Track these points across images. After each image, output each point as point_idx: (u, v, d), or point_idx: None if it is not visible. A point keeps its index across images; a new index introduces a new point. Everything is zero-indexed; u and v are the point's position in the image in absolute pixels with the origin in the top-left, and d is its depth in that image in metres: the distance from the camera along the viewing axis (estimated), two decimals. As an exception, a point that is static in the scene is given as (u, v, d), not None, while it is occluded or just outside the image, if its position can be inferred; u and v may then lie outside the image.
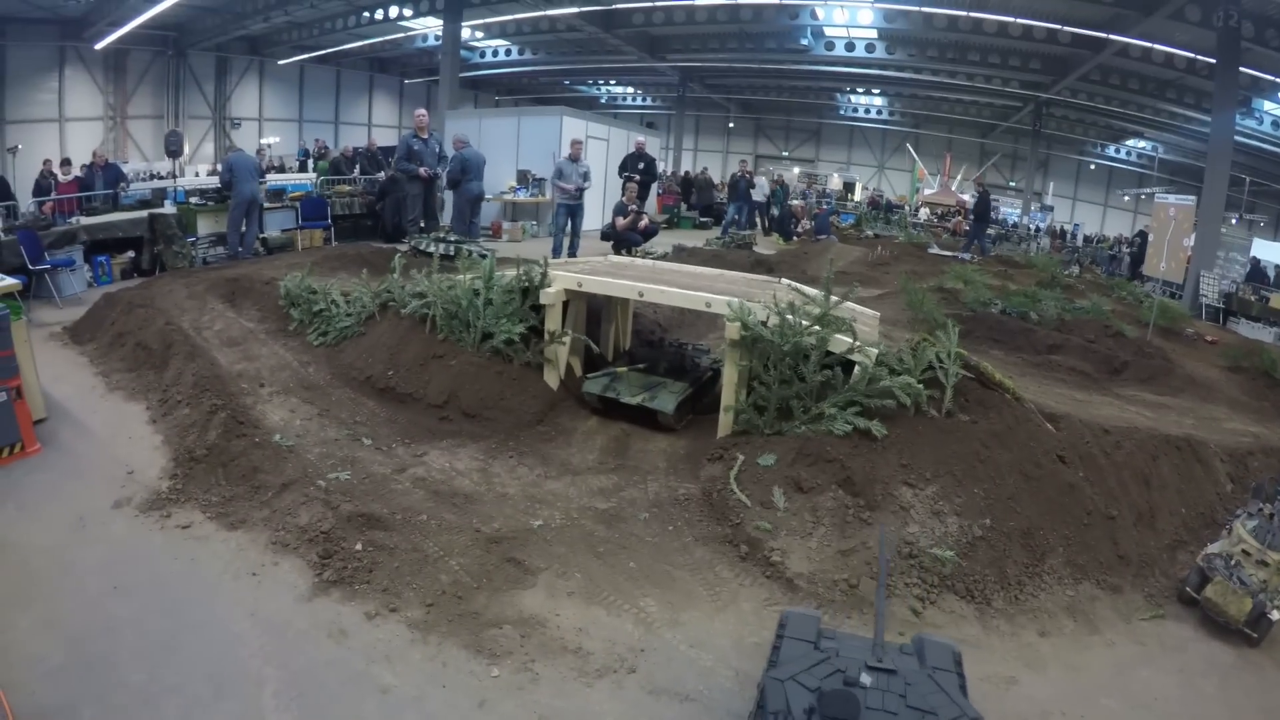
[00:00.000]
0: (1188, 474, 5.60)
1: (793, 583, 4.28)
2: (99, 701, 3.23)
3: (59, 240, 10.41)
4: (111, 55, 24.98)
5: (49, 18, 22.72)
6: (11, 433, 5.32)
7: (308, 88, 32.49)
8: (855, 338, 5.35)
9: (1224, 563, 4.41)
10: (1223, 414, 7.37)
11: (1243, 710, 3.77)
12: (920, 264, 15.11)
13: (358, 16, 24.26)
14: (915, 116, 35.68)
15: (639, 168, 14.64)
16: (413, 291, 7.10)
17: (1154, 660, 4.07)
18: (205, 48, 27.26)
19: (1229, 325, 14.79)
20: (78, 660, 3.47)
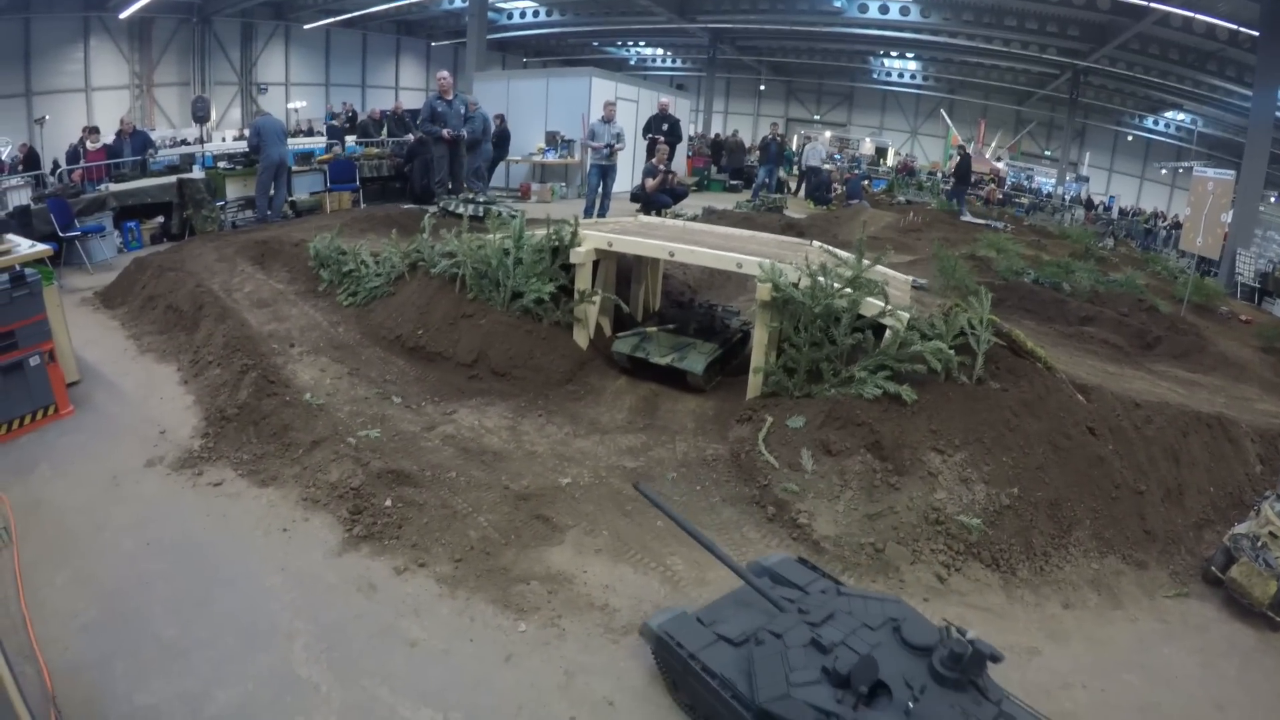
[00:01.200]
0: (1217, 453, 5.51)
1: (819, 545, 4.29)
2: (132, 655, 3.31)
3: (88, 207, 10.59)
4: (136, 24, 25.13)
5: None
6: (45, 395, 5.47)
7: (334, 52, 32.42)
8: (887, 301, 5.30)
9: (1251, 544, 4.35)
10: (1255, 394, 7.27)
11: (1262, 693, 3.74)
12: (952, 231, 14.92)
13: None
14: (950, 82, 34.87)
15: (663, 128, 14.49)
16: (442, 251, 7.14)
17: (1176, 638, 4.04)
18: (230, 14, 27.39)
19: (1264, 305, 14.43)
20: (111, 615, 3.56)
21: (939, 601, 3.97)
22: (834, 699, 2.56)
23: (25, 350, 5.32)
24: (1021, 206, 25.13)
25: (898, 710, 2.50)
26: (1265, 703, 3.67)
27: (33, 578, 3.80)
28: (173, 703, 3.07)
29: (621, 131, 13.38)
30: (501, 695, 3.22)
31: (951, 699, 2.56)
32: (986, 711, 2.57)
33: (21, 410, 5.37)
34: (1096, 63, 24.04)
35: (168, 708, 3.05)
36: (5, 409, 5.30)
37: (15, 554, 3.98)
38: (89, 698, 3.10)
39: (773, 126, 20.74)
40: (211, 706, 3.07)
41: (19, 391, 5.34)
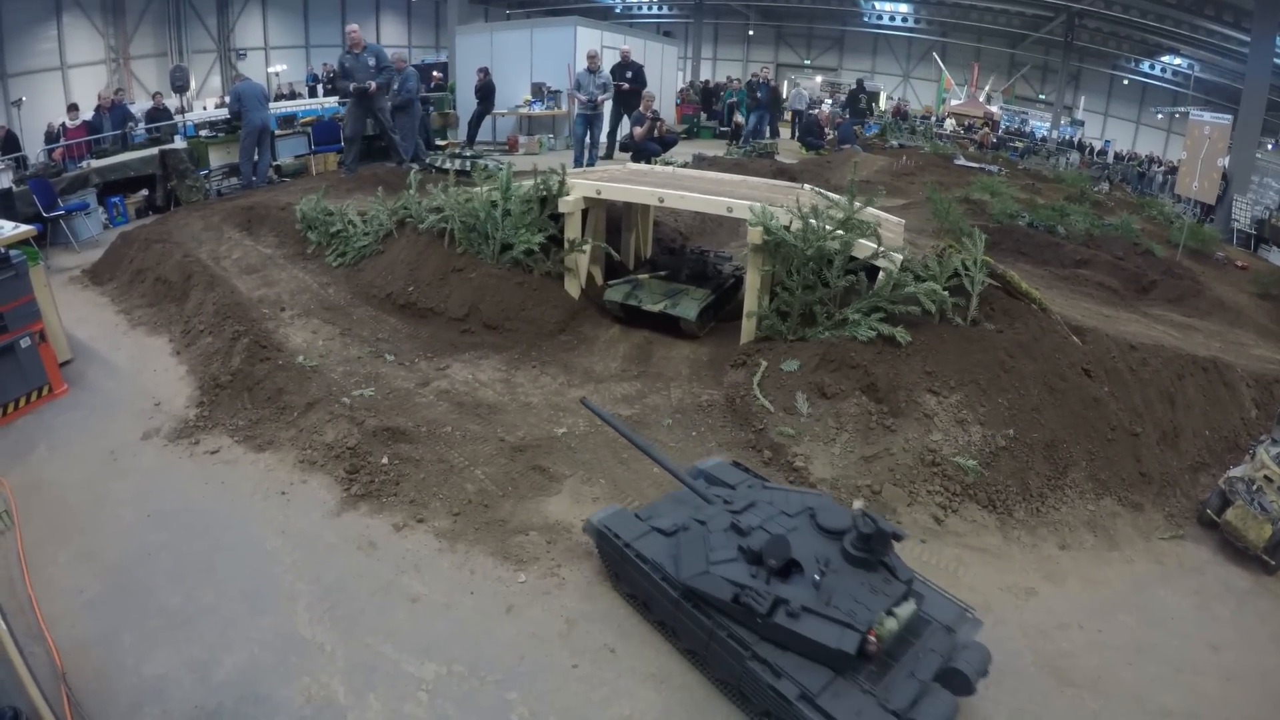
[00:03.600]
0: (1213, 396, 5.51)
1: (815, 487, 4.29)
2: (138, 627, 3.36)
3: (71, 185, 10.57)
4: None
5: None
6: (38, 376, 5.48)
7: (313, 12, 31.91)
8: (880, 243, 5.26)
9: (1246, 487, 4.37)
10: (1250, 339, 7.25)
11: (1256, 635, 3.77)
12: (946, 175, 14.80)
13: None
14: (943, 25, 34.17)
15: (626, 76, 14.37)
16: (429, 207, 7.10)
17: (1171, 580, 4.08)
18: None
19: (1260, 252, 14.26)
20: (116, 588, 3.61)
21: (936, 543, 4.01)
22: (749, 574, 2.86)
23: (15, 333, 5.31)
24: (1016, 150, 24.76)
25: (807, 583, 2.79)
26: (1259, 645, 3.71)
27: (37, 557, 3.84)
28: (180, 671, 3.12)
29: (607, 81, 13.35)
30: (504, 646, 3.26)
31: (861, 576, 2.83)
32: (895, 588, 2.83)
33: (16, 393, 5.39)
34: (1091, 5, 23.84)
35: (176, 676, 3.10)
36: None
37: (18, 536, 4.02)
38: (98, 672, 3.14)
39: (762, 70, 20.43)
40: (219, 672, 3.11)
41: (12, 374, 5.35)
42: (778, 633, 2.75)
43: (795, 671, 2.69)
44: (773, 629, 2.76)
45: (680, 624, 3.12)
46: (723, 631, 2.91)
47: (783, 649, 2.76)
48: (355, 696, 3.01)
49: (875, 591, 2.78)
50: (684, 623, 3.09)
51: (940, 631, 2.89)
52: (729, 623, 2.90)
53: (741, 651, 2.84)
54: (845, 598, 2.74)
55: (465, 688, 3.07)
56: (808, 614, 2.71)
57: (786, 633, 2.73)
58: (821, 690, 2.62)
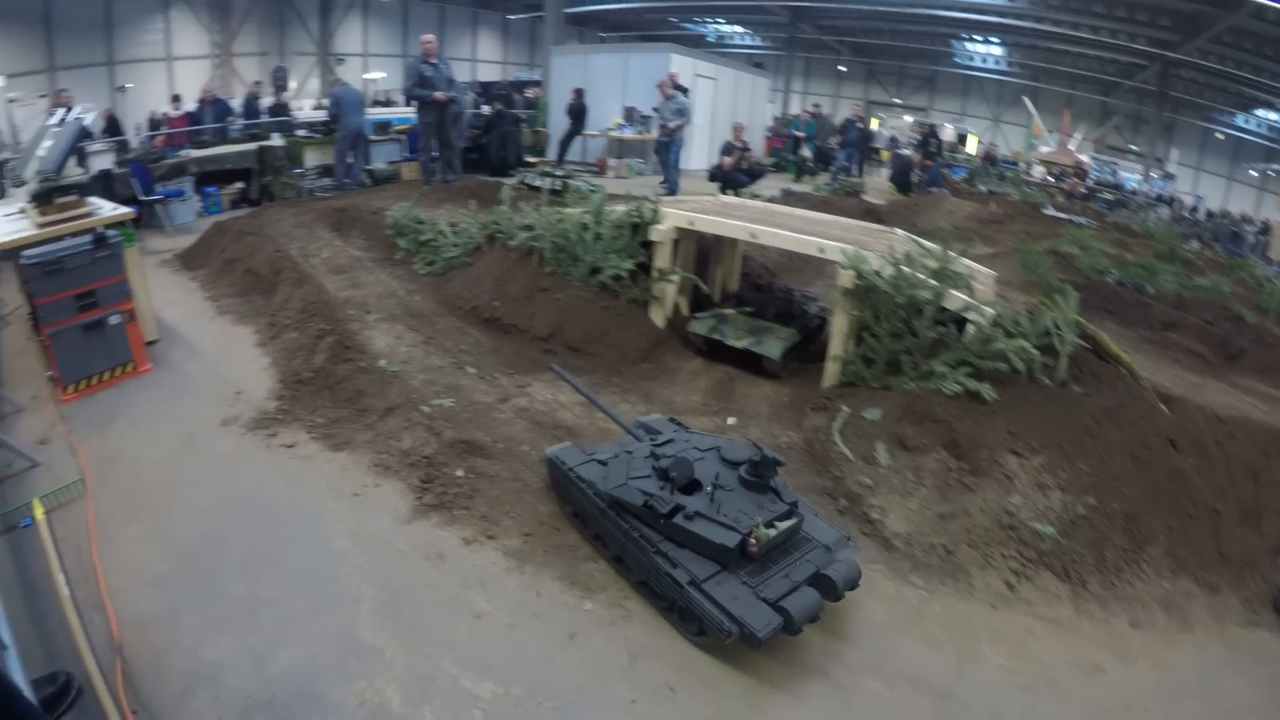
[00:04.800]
0: None
1: (889, 542, 4.25)
2: (199, 610, 3.44)
3: (170, 172, 11.07)
4: None
5: None
6: (124, 353, 5.71)
7: (412, 24, 32.96)
8: (972, 296, 5.22)
9: None
10: None
11: None
12: (1034, 225, 14.56)
13: None
14: (1034, 69, 33.86)
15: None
16: (521, 224, 7.23)
17: (1243, 669, 3.89)
18: None
19: None
20: (182, 569, 3.70)
21: (1007, 610, 3.92)
22: (658, 487, 3.62)
23: (106, 309, 5.54)
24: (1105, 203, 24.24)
25: (704, 497, 3.55)
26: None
27: (106, 529, 3.97)
28: (237, 659, 3.18)
29: (683, 107, 13.44)
30: (563, 673, 3.26)
31: (751, 496, 3.59)
32: (778, 508, 3.57)
33: (101, 366, 5.62)
34: (1187, 55, 23.26)
35: (232, 663, 3.15)
36: (85, 365, 5.54)
37: (90, 505, 4.17)
38: (155, 649, 3.22)
39: (854, 108, 20.49)
40: (275, 665, 3.16)
41: (99, 348, 5.58)
42: (676, 532, 3.47)
43: (689, 564, 3.39)
44: (673, 529, 3.48)
45: (607, 531, 3.83)
46: (635, 533, 3.60)
47: (680, 546, 3.46)
48: (410, 707, 3.02)
49: (760, 508, 3.52)
50: (609, 529, 3.79)
51: (819, 549, 3.58)
52: (640, 525, 3.61)
53: (648, 548, 3.52)
54: (733, 509, 3.49)
55: (520, 711, 3.06)
56: (701, 518, 3.45)
57: (683, 531, 3.44)
58: (707, 579, 3.32)
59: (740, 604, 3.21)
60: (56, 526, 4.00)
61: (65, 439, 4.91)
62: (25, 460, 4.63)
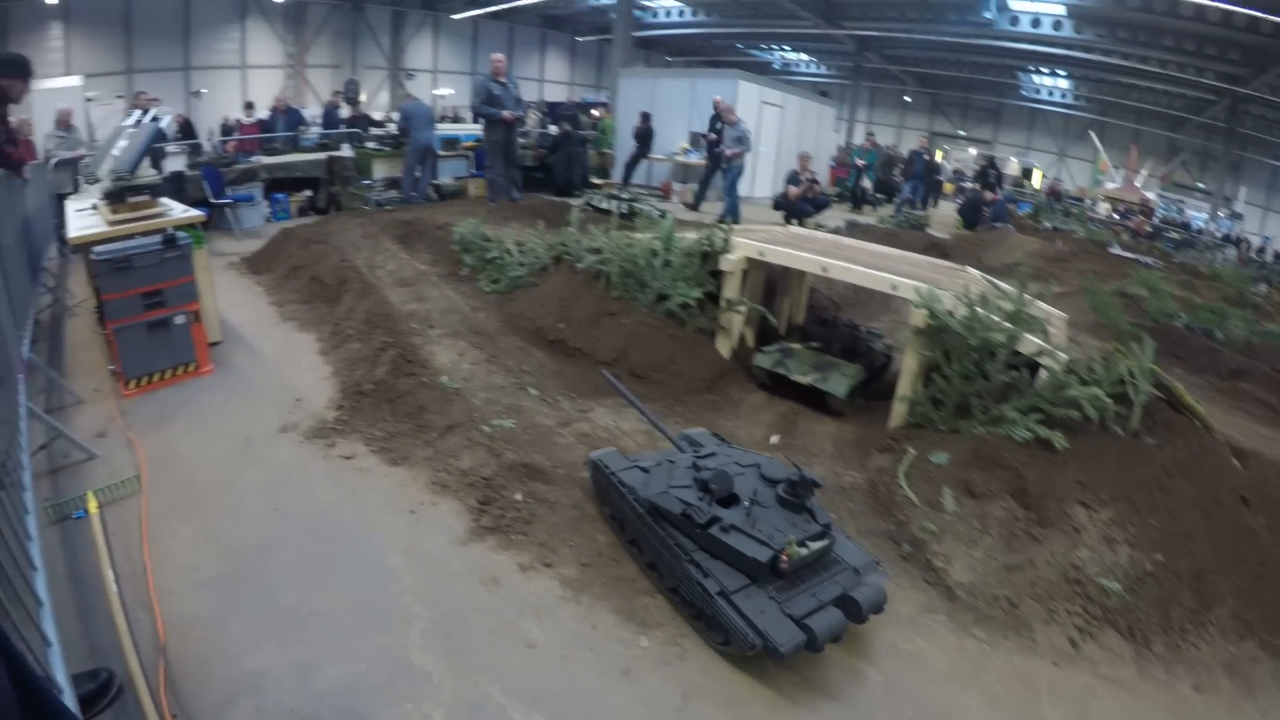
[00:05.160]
0: None
1: (953, 592, 4.09)
2: (247, 618, 3.40)
3: (240, 177, 11.36)
4: (291, 8, 27.37)
5: None
6: (187, 352, 5.79)
7: (481, 42, 33.87)
8: (1047, 340, 5.08)
9: None
10: None
11: None
12: (1101, 264, 14.17)
13: None
14: (1101, 103, 33.63)
15: (716, 128, 14.44)
16: (589, 247, 7.22)
17: None
18: (381, 2, 29.40)
19: None
20: (232, 575, 3.67)
21: (1069, 667, 3.74)
22: (697, 498, 3.71)
23: (172, 309, 5.62)
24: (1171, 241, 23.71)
25: (741, 511, 3.63)
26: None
27: (158, 528, 3.96)
28: (283, 671, 3.13)
29: (743, 135, 13.51)
30: (616, 710, 3.16)
31: (787, 515, 3.65)
32: (812, 528, 3.61)
33: (163, 364, 5.70)
34: (1256, 90, 22.80)
35: (277, 675, 3.10)
36: (148, 361, 5.62)
37: (144, 502, 4.17)
38: (200, 654, 3.18)
39: (921, 140, 20.38)
40: (321, 680, 3.10)
41: (162, 346, 5.66)
42: (711, 542, 3.56)
43: (720, 575, 3.47)
44: (708, 539, 3.57)
45: (643, 536, 3.92)
46: (671, 540, 3.68)
47: (714, 557, 3.55)
48: (456, 735, 2.93)
49: (794, 526, 3.58)
50: (645, 535, 3.88)
51: (848, 570, 3.63)
52: (676, 533, 3.70)
53: (682, 555, 3.60)
54: (768, 526, 3.56)
55: (569, 747, 2.95)
56: (736, 532, 3.53)
57: (717, 543, 3.53)
58: (736, 591, 3.39)
59: (766, 618, 3.29)
60: (109, 521, 4.01)
61: (123, 434, 4.95)
62: (82, 452, 4.67)
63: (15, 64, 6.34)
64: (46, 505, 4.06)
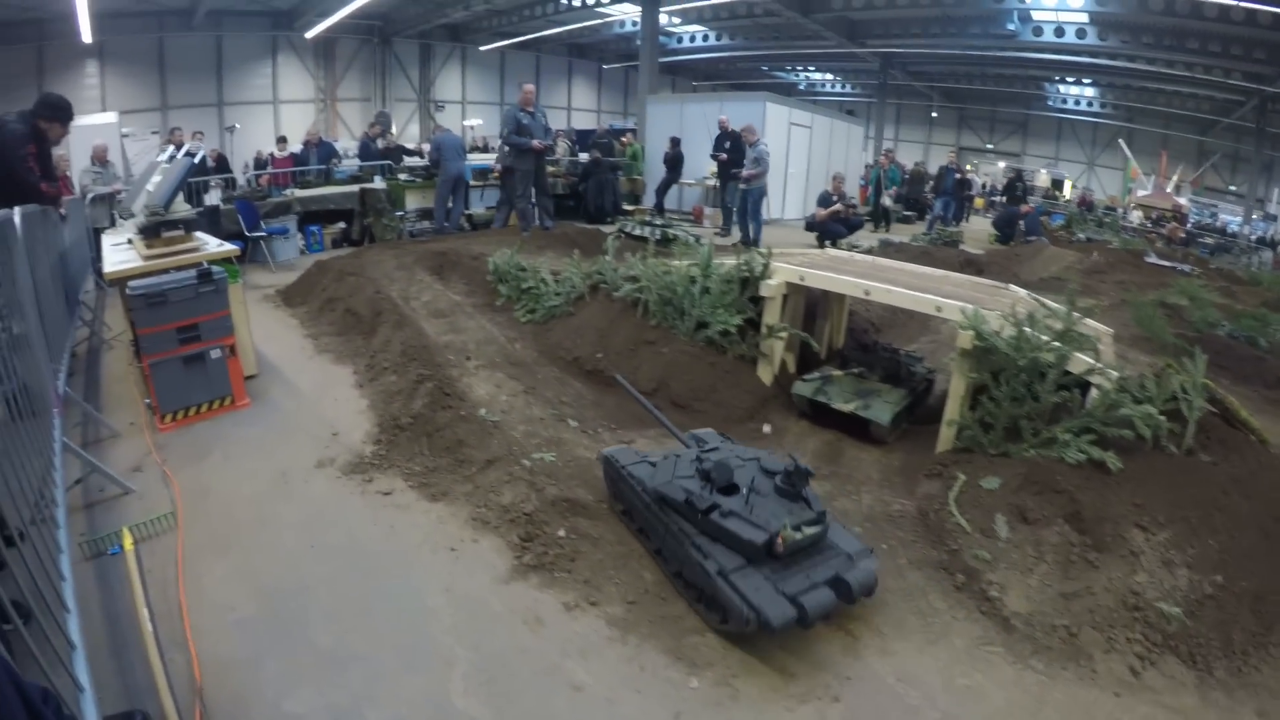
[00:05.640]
0: None
1: (1009, 622, 3.93)
2: (284, 658, 3.33)
3: (274, 210, 11.53)
4: (321, 43, 28.00)
5: (262, 10, 25.91)
6: (223, 386, 5.80)
7: (508, 72, 34.63)
8: (1098, 357, 4.95)
9: None
10: None
11: None
12: (1137, 274, 13.93)
13: (556, 3, 25.65)
14: (1129, 109, 33.58)
15: (725, 146, 14.62)
16: (625, 275, 7.18)
17: None
18: (409, 35, 29.91)
19: None
20: (268, 614, 3.61)
21: (1130, 697, 3.56)
22: (699, 487, 3.92)
23: (207, 343, 5.65)
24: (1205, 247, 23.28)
25: (740, 499, 3.82)
26: None
27: (194, 565, 3.92)
28: (321, 715, 3.05)
29: (761, 155, 13.58)
30: (666, 756, 3.04)
31: (784, 503, 3.83)
32: (807, 515, 3.79)
33: (199, 398, 5.71)
34: None
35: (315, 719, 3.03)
36: (184, 395, 5.64)
37: (179, 539, 4.14)
38: (236, 695, 3.12)
39: (950, 155, 20.30)
40: (361, 725, 3.01)
41: (198, 380, 5.68)
42: (711, 527, 3.77)
43: (719, 556, 3.67)
44: (708, 524, 3.78)
45: (650, 524, 4.16)
46: (675, 526, 3.92)
47: (714, 540, 3.75)
48: (501, 783, 2.83)
49: (790, 513, 3.76)
50: (652, 523, 4.12)
51: (841, 556, 3.82)
52: (680, 520, 3.92)
53: (684, 539, 3.83)
54: (765, 512, 3.74)
55: (619, 796, 2.85)
56: (734, 517, 3.73)
57: (717, 527, 3.73)
58: (734, 570, 3.59)
59: (760, 594, 3.48)
60: (144, 557, 3.98)
61: (159, 468, 4.94)
62: (118, 486, 4.66)
63: (56, 107, 6.45)
64: (81, 540, 4.03)
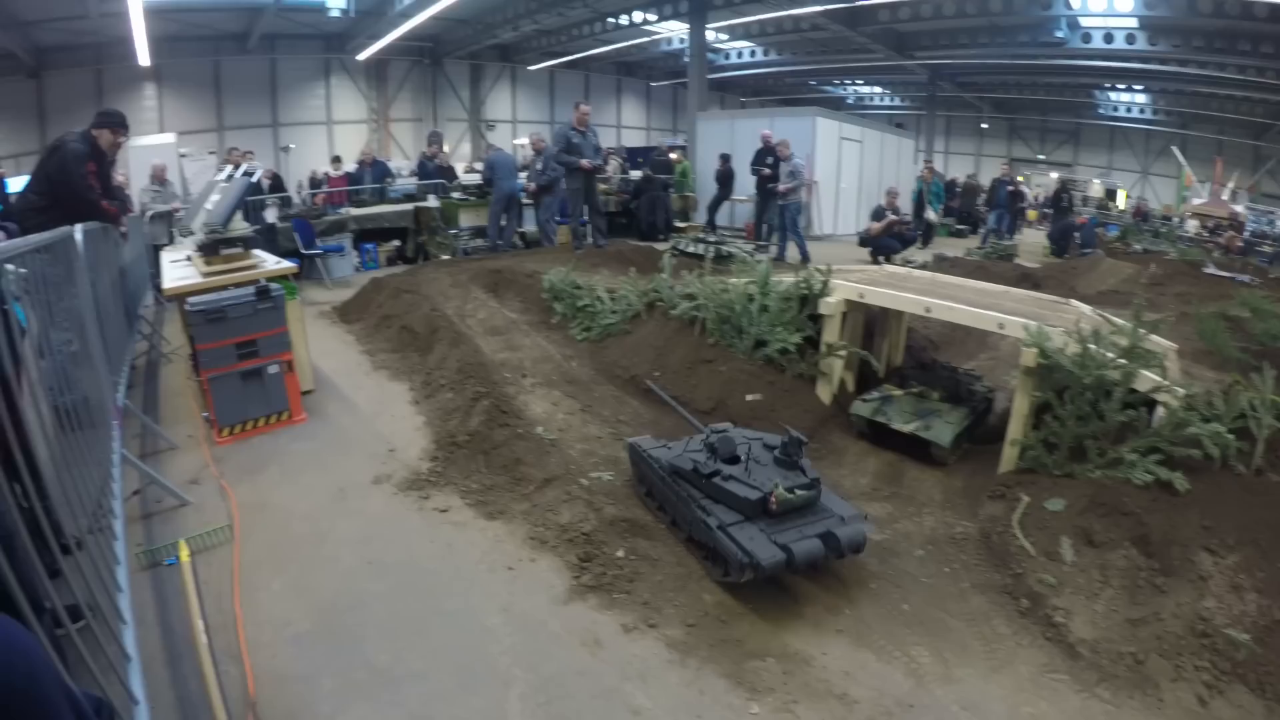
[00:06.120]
0: None
1: (1074, 649, 3.80)
2: (340, 676, 3.32)
3: (330, 228, 11.72)
4: (373, 65, 28.70)
5: (315, 34, 26.54)
6: (280, 401, 5.88)
7: (558, 91, 35.12)
8: (1165, 375, 4.81)
9: None
10: None
11: None
12: (1196, 285, 13.45)
13: (603, 23, 25.81)
14: (1181, 116, 32.95)
15: (766, 161, 14.49)
16: (682, 293, 7.15)
17: None
18: (459, 56, 30.43)
19: None
20: (324, 630, 3.61)
21: None
22: (706, 458, 4.41)
23: (265, 359, 5.74)
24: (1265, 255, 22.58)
25: (741, 466, 4.33)
26: None
27: (250, 579, 3.95)
28: (376, 733, 3.02)
29: (797, 169, 13.57)
30: (724, 782, 2.97)
31: (780, 470, 4.30)
32: (800, 480, 4.22)
33: (256, 413, 5.79)
34: None
35: (370, 738, 2.99)
36: (241, 410, 5.72)
37: (236, 552, 4.17)
38: (290, 711, 3.11)
39: (1003, 167, 20.01)
40: (416, 745, 2.98)
41: (256, 395, 5.77)
42: (715, 490, 4.23)
43: (720, 514, 4.13)
44: (712, 487, 4.25)
45: (665, 496, 4.61)
46: (684, 492, 4.38)
47: (716, 501, 4.22)
48: (558, 807, 2.78)
49: (785, 478, 4.21)
50: (667, 494, 4.57)
51: (834, 517, 4.21)
52: (689, 487, 4.39)
53: (692, 503, 4.28)
54: (762, 477, 4.21)
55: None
56: (735, 480, 4.21)
57: (719, 489, 4.20)
58: (732, 524, 4.04)
59: (754, 543, 3.89)
60: (200, 569, 4.01)
61: (217, 481, 5.00)
62: (175, 498, 4.73)
63: (102, 114, 6.56)
64: (138, 550, 4.09)
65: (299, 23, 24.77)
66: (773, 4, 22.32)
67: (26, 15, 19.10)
